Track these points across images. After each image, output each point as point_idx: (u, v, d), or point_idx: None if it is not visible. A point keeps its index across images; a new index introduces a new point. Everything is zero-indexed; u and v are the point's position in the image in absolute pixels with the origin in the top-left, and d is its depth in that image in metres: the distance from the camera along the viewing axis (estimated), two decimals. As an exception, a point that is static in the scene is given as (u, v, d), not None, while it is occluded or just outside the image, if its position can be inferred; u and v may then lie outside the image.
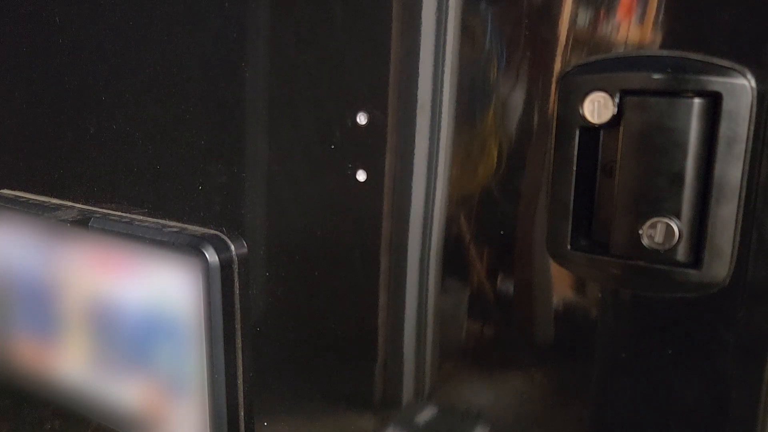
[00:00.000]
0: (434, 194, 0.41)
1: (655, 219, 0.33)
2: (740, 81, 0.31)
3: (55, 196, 0.62)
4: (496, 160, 0.39)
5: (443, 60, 0.39)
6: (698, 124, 0.32)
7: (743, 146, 0.31)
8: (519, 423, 0.41)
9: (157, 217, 0.54)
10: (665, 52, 0.33)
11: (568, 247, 0.36)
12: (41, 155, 0.62)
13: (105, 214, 0.56)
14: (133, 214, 0.55)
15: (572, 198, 0.35)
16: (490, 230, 0.39)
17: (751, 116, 0.31)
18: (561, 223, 0.36)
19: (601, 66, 0.34)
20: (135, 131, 0.54)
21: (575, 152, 0.35)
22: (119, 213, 0.56)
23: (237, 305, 0.50)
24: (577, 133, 0.34)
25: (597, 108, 0.34)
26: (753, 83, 0.31)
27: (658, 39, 0.33)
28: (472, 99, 0.39)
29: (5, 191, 0.65)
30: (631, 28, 0.34)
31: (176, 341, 0.52)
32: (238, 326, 0.50)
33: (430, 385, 0.44)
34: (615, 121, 0.33)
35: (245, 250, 0.50)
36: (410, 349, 0.44)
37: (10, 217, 0.62)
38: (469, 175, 0.40)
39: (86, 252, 0.57)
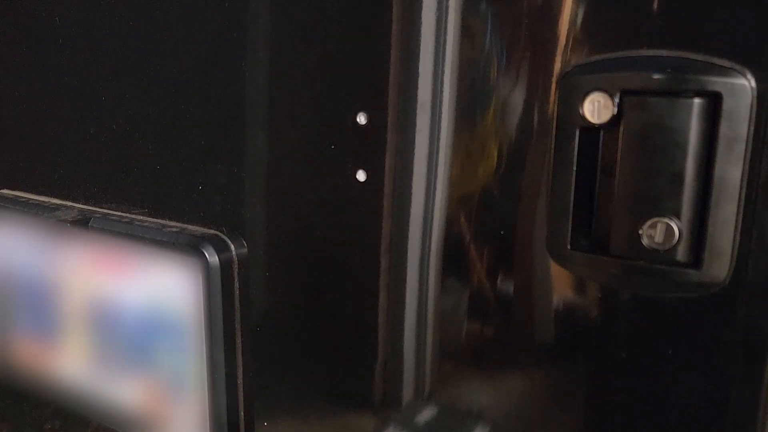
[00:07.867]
0: (434, 194, 0.41)
1: (655, 219, 0.33)
2: (740, 81, 0.31)
3: (55, 196, 0.62)
4: (496, 160, 0.39)
5: (443, 60, 0.39)
6: (698, 124, 0.32)
7: (743, 146, 0.31)
8: (519, 423, 0.41)
9: (157, 217, 0.54)
10: (665, 52, 0.33)
11: (568, 247, 0.36)
12: (41, 155, 0.62)
13: (105, 214, 0.56)
14: (133, 214, 0.55)
15: (572, 198, 0.35)
16: (490, 230, 0.39)
17: (751, 116, 0.31)
18: (561, 223, 0.36)
19: (601, 66, 0.34)
20: (135, 131, 0.54)
21: (575, 152, 0.35)
22: (119, 213, 0.56)
23: (237, 305, 0.50)
24: (577, 133, 0.34)
25: (597, 108, 0.34)
26: (753, 83, 0.31)
27: (658, 39, 0.33)
28: (472, 99, 0.39)
29: (5, 191, 0.65)
30: (632, 28, 0.34)
31: (176, 341, 0.52)
32: (238, 326, 0.50)
33: (430, 385, 0.44)
34: (615, 121, 0.33)
35: (245, 250, 0.50)
36: (410, 349, 0.44)
37: (10, 217, 0.62)
38: (469, 175, 0.40)
39: (86, 252, 0.57)
